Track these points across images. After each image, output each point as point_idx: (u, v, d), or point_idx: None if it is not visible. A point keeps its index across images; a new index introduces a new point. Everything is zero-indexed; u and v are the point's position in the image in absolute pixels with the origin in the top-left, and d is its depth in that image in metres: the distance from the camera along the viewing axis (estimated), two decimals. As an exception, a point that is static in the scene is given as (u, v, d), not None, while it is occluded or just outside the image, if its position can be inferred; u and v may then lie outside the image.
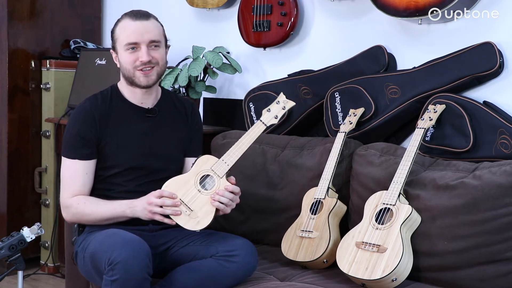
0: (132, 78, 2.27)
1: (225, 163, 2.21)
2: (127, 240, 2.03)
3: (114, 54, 2.32)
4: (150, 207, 2.13)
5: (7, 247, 2.18)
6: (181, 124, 2.41)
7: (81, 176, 2.27)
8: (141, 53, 2.24)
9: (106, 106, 2.31)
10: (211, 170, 2.20)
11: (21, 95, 3.59)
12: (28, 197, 3.65)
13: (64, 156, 2.31)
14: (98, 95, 2.35)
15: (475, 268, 2.12)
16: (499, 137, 2.33)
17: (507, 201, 2.10)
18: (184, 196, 2.15)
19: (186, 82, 3.08)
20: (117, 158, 2.28)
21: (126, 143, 2.29)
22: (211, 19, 3.42)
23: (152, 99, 2.36)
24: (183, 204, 2.14)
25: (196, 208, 2.14)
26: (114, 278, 1.97)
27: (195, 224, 2.13)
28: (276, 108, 2.35)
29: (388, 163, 2.40)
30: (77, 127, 2.27)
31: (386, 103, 2.62)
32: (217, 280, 2.14)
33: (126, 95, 2.34)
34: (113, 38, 2.30)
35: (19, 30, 3.55)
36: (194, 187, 2.17)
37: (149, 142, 2.32)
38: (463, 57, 2.47)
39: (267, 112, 2.34)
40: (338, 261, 2.18)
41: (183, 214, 2.13)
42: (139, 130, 2.32)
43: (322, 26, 2.99)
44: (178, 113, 2.42)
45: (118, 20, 2.31)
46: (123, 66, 2.28)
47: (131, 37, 2.24)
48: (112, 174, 2.29)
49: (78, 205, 2.24)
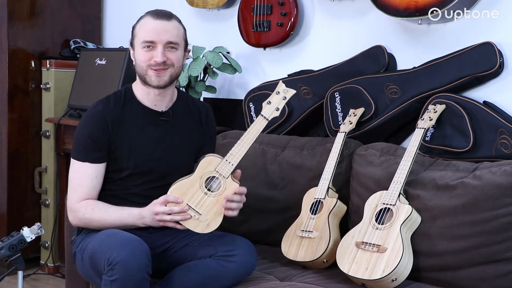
0: (144, 76, 2.23)
1: (229, 163, 2.17)
2: (126, 240, 2.03)
3: (131, 51, 2.29)
4: (158, 217, 2.11)
5: (7, 247, 2.18)
6: (195, 130, 2.37)
7: (90, 180, 2.22)
8: (156, 52, 2.20)
9: (118, 109, 2.26)
10: (215, 172, 2.16)
11: (21, 95, 3.59)
12: (28, 197, 3.65)
13: (73, 158, 2.25)
14: (111, 97, 2.30)
15: (475, 268, 2.12)
16: (499, 137, 2.33)
17: (507, 201, 2.10)
18: (191, 201, 2.12)
19: (186, 82, 3.08)
20: (127, 162, 2.24)
21: (137, 147, 2.25)
22: (211, 19, 3.42)
23: (166, 101, 2.31)
24: (191, 208, 2.11)
25: (204, 212, 2.12)
26: (114, 278, 1.96)
27: (205, 227, 2.11)
28: (276, 100, 2.25)
29: (388, 163, 2.40)
30: (89, 130, 2.23)
31: (386, 103, 2.62)
32: (217, 280, 2.14)
33: (140, 97, 2.29)
34: (132, 34, 2.27)
35: (19, 30, 3.55)
36: (200, 190, 2.14)
37: (161, 147, 2.28)
38: (463, 57, 2.47)
39: (268, 105, 2.26)
40: (338, 261, 2.18)
41: (192, 218, 2.11)
42: (151, 135, 2.28)
43: (322, 26, 2.99)
44: (192, 117, 2.37)
45: (140, 18, 2.27)
46: (138, 63, 2.24)
47: (148, 35, 2.21)
48: (122, 177, 2.26)
49: (86, 210, 2.20)
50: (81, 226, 2.25)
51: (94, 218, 2.19)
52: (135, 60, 2.27)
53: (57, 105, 3.59)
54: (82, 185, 2.22)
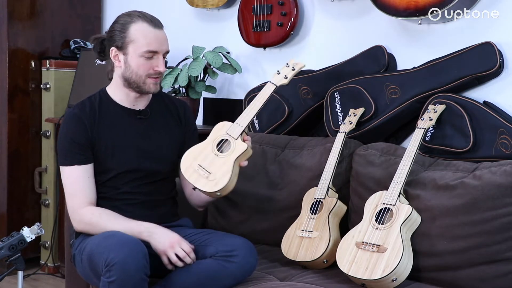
0: (140, 84, 2.25)
1: (239, 125, 2.31)
2: (124, 241, 2.03)
3: (116, 53, 2.25)
4: (175, 248, 2.11)
5: (7, 247, 2.18)
6: (174, 125, 2.40)
7: (83, 181, 2.24)
8: (159, 62, 2.23)
9: (95, 111, 2.28)
10: (226, 134, 2.29)
11: (21, 95, 3.59)
12: (28, 197, 3.66)
13: (62, 166, 2.27)
14: (85, 100, 2.32)
15: (475, 268, 2.12)
16: (499, 137, 2.33)
17: (507, 201, 2.10)
18: (202, 161, 2.24)
19: (186, 82, 3.08)
20: (111, 162, 2.26)
21: (119, 146, 2.27)
22: (211, 19, 3.42)
23: (144, 101, 2.34)
24: (201, 168, 2.22)
25: (214, 170, 2.22)
26: (111, 280, 1.96)
27: (214, 185, 2.20)
28: (285, 70, 2.45)
29: (388, 163, 2.40)
30: (69, 134, 2.25)
31: (386, 103, 2.62)
32: (217, 280, 2.14)
33: (117, 98, 2.31)
34: (123, 38, 2.22)
35: (19, 30, 3.55)
36: (212, 152, 2.26)
37: (142, 144, 2.30)
38: (463, 57, 2.47)
39: (277, 74, 2.43)
40: (338, 261, 2.18)
41: (201, 177, 2.21)
42: (132, 132, 2.30)
43: (322, 26, 2.99)
44: (170, 114, 2.40)
45: (131, 21, 2.22)
46: (134, 70, 2.23)
47: (153, 45, 2.21)
48: (110, 178, 2.27)
49: (93, 216, 2.21)
50: (85, 231, 2.24)
51: (101, 225, 2.18)
52: (126, 65, 2.24)
53: (57, 105, 3.59)
54: (79, 189, 2.24)
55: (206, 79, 3.23)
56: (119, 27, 2.24)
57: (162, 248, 2.12)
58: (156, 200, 2.33)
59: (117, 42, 2.24)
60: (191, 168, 2.25)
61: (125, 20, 2.25)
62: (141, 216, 2.24)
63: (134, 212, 2.25)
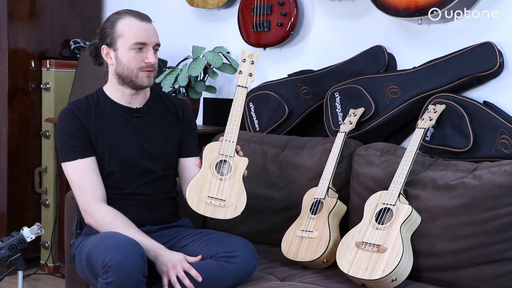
0: (132, 78, 2.24)
1: (229, 141, 2.25)
2: (121, 242, 2.02)
3: (107, 50, 2.27)
4: (177, 268, 2.09)
5: (7, 247, 2.18)
6: (173, 123, 2.38)
7: (91, 174, 2.22)
8: (149, 54, 2.23)
9: (91, 108, 2.28)
10: (220, 155, 2.24)
11: (21, 95, 3.59)
12: (28, 197, 3.65)
13: (65, 162, 2.25)
14: (82, 99, 2.32)
15: (475, 268, 2.12)
16: (499, 137, 2.33)
17: (507, 201, 2.10)
18: (210, 192, 2.19)
19: (186, 82, 3.08)
20: (110, 160, 2.25)
21: (117, 143, 2.26)
22: (211, 19, 3.42)
23: (141, 99, 2.33)
24: (213, 199, 2.18)
25: (226, 196, 2.19)
26: (109, 281, 1.95)
27: (234, 210, 2.19)
28: (246, 67, 2.36)
29: (388, 163, 2.40)
30: (67, 129, 2.24)
31: (386, 103, 2.62)
32: (217, 281, 2.13)
33: (113, 97, 2.31)
34: (111, 34, 2.24)
35: (19, 30, 3.55)
36: (214, 178, 2.21)
37: (139, 142, 2.29)
38: (463, 57, 2.47)
39: (240, 75, 2.36)
40: (338, 261, 2.18)
41: (217, 208, 2.18)
42: (129, 130, 2.29)
43: (322, 26, 2.99)
44: (168, 112, 2.39)
45: (118, 17, 2.25)
46: (125, 65, 2.24)
47: (141, 37, 2.22)
48: (111, 178, 2.26)
49: (108, 214, 2.19)
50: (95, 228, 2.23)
51: (113, 225, 2.16)
52: (117, 61, 2.25)
53: (57, 105, 3.59)
54: (88, 182, 2.22)
55: (206, 79, 3.23)
56: (108, 25, 2.27)
57: (165, 269, 2.11)
58: (156, 200, 2.33)
59: (107, 40, 2.26)
60: (201, 203, 2.21)
61: (114, 17, 2.27)
62: (141, 216, 2.24)
63: (134, 212, 2.25)
